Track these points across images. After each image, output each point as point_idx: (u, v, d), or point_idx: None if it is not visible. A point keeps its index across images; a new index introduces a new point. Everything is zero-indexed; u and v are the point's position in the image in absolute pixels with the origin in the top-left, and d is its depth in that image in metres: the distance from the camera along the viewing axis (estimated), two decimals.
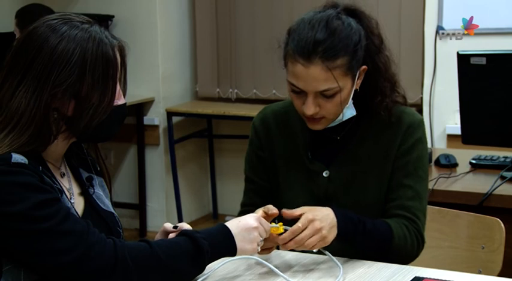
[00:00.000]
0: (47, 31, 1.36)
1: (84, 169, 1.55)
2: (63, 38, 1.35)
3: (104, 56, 1.38)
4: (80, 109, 1.37)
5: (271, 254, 1.66)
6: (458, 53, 2.47)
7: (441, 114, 3.93)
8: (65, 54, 1.34)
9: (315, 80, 1.63)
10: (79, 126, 1.38)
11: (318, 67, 1.62)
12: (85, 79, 1.35)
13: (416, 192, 1.74)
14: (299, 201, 1.75)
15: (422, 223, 1.75)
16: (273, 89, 4.30)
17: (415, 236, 1.72)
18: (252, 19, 4.30)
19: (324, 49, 1.62)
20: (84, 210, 1.49)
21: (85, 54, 1.35)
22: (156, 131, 4.39)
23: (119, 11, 4.30)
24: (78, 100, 1.36)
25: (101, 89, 1.38)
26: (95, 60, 1.36)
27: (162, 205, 4.39)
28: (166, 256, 1.36)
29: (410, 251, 1.72)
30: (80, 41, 1.36)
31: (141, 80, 4.34)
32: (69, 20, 1.39)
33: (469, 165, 2.64)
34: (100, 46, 1.38)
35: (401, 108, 1.79)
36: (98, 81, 1.37)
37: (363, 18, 1.71)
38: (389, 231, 1.69)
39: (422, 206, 1.75)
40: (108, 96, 1.39)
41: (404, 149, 1.75)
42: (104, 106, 1.39)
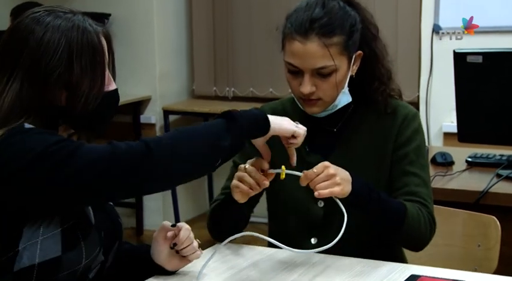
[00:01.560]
0: (31, 23, 1.37)
1: None
2: (47, 28, 1.36)
3: (90, 44, 1.39)
4: (72, 98, 1.37)
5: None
6: (454, 52, 2.47)
7: (437, 112, 3.94)
8: (51, 44, 1.35)
9: (312, 57, 1.66)
10: (73, 115, 1.39)
11: (315, 43, 1.65)
12: (73, 68, 1.36)
13: (423, 179, 1.75)
14: (296, 193, 1.77)
15: (432, 208, 1.75)
16: (269, 88, 4.30)
17: (427, 219, 1.72)
18: (249, 17, 4.30)
19: (321, 25, 1.66)
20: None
21: (70, 43, 1.36)
22: (153, 130, 4.38)
23: (116, 10, 4.30)
24: (69, 89, 1.37)
25: (90, 76, 1.38)
26: (81, 48, 1.37)
27: (158, 204, 4.39)
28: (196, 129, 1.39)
29: (423, 234, 1.71)
30: (64, 30, 1.37)
31: (137, 78, 4.34)
32: (52, 11, 1.40)
33: (465, 163, 2.64)
34: (84, 34, 1.39)
35: (397, 101, 1.82)
36: (86, 69, 1.38)
37: (358, 8, 1.75)
38: (403, 207, 1.69)
39: (430, 193, 1.77)
40: (98, 83, 1.40)
41: (402, 141, 1.76)
42: (95, 92, 1.39)
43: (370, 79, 1.78)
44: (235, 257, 1.70)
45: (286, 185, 1.77)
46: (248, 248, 1.76)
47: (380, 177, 1.76)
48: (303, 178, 1.58)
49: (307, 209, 1.79)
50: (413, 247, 1.76)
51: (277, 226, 1.87)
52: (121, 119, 4.34)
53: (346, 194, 1.60)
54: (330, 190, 1.57)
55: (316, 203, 1.78)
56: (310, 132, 1.80)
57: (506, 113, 2.45)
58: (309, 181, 1.57)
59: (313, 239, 1.78)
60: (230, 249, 1.75)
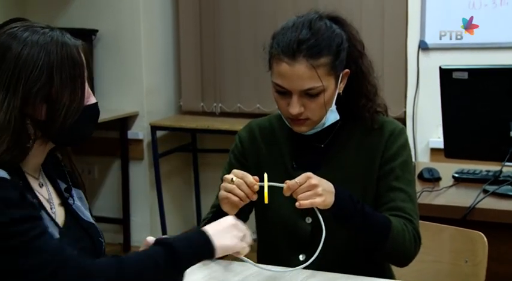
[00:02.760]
0: (9, 39, 1.37)
1: (61, 180, 1.54)
2: (26, 43, 1.36)
3: (69, 57, 1.39)
4: (52, 111, 1.37)
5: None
6: (440, 68, 2.49)
7: (424, 128, 3.95)
8: (30, 59, 1.35)
9: (300, 78, 1.66)
10: (54, 129, 1.38)
11: (303, 65, 1.66)
12: (53, 81, 1.36)
13: (408, 194, 1.76)
14: (283, 209, 1.77)
15: (418, 224, 1.76)
16: (257, 103, 4.30)
17: (412, 235, 1.72)
18: (236, 33, 4.31)
19: (308, 47, 1.66)
20: (65, 220, 1.48)
21: (50, 56, 1.36)
22: (140, 145, 4.37)
23: (103, 26, 4.30)
24: (50, 103, 1.37)
25: (70, 88, 1.39)
26: (61, 62, 1.38)
27: (146, 219, 4.36)
28: (135, 272, 1.33)
29: (408, 249, 1.71)
30: (43, 44, 1.37)
31: (125, 94, 4.33)
32: (30, 26, 1.40)
33: (452, 179, 2.65)
34: (64, 48, 1.39)
35: (383, 117, 1.83)
36: (66, 82, 1.38)
37: (344, 25, 1.76)
38: (388, 221, 1.69)
39: (415, 208, 1.77)
40: (78, 96, 1.40)
41: (388, 156, 1.77)
42: (75, 105, 1.39)
43: (357, 96, 1.79)
44: (224, 273, 1.69)
45: (274, 201, 1.77)
46: (237, 264, 1.75)
47: (367, 192, 1.77)
48: (285, 189, 1.59)
49: (295, 226, 1.78)
50: (398, 262, 1.76)
51: (265, 242, 1.87)
52: (108, 135, 4.33)
53: (328, 205, 1.60)
54: (311, 201, 1.57)
55: (303, 219, 1.78)
56: (297, 149, 1.81)
57: (492, 129, 2.47)
58: (292, 191, 1.58)
59: (301, 256, 1.78)
60: (219, 265, 1.74)
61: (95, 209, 4.49)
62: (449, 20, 3.83)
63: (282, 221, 1.79)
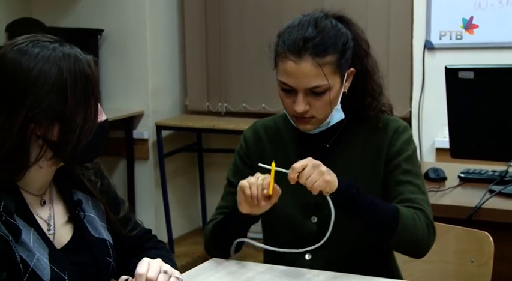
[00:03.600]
0: (18, 55, 1.31)
1: (79, 189, 1.48)
2: (37, 60, 1.31)
3: (82, 73, 1.34)
4: (66, 131, 1.33)
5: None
6: (446, 68, 2.49)
7: (430, 128, 3.95)
8: (41, 75, 1.30)
9: (306, 76, 1.67)
10: (66, 150, 1.34)
11: (308, 63, 1.66)
12: (67, 99, 1.31)
13: (418, 186, 1.75)
14: (290, 209, 1.77)
15: (430, 213, 1.73)
16: (262, 103, 4.30)
17: (425, 223, 1.69)
18: (242, 33, 4.31)
19: (314, 45, 1.66)
20: (71, 239, 1.44)
21: (63, 73, 1.31)
22: (146, 145, 4.38)
23: (109, 25, 4.31)
24: (63, 122, 1.32)
25: (84, 107, 1.34)
26: (74, 79, 1.32)
27: (151, 219, 4.37)
28: None
29: (422, 236, 1.68)
30: (55, 60, 1.32)
31: (130, 94, 4.33)
32: (38, 41, 1.34)
33: (458, 179, 2.64)
34: (76, 64, 1.34)
35: (388, 116, 1.83)
36: (80, 100, 1.33)
37: (350, 24, 1.76)
38: (395, 207, 1.67)
39: (426, 198, 1.75)
40: (92, 114, 1.36)
41: (393, 152, 1.77)
42: (89, 125, 1.35)
43: (362, 95, 1.79)
44: (229, 274, 1.69)
45: (280, 201, 1.77)
46: (243, 264, 1.75)
47: (372, 191, 1.76)
48: (290, 172, 1.59)
49: (301, 225, 1.78)
50: (413, 251, 1.72)
51: (271, 241, 1.86)
52: (114, 135, 4.33)
53: (333, 186, 1.60)
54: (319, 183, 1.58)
55: (309, 218, 1.78)
56: (302, 148, 1.81)
57: (498, 129, 2.46)
58: (297, 173, 1.59)
59: (307, 255, 1.78)
60: (224, 265, 1.74)
61: None
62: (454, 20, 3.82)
63: (287, 220, 1.79)
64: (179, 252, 4.23)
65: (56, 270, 1.35)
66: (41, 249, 1.35)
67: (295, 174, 1.59)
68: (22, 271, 1.31)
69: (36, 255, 1.33)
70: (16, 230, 1.32)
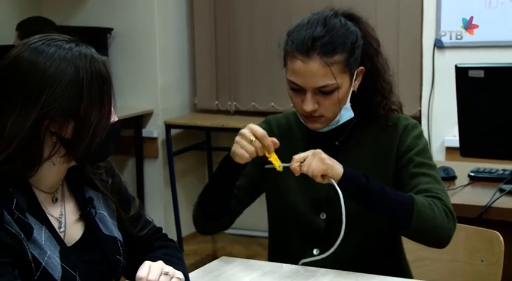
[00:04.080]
0: (34, 55, 1.32)
1: (91, 186, 1.49)
2: (54, 59, 1.31)
3: (98, 73, 1.35)
4: (80, 129, 1.33)
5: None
6: (456, 66, 2.48)
7: (439, 126, 3.93)
8: (57, 74, 1.30)
9: (314, 76, 1.67)
10: (80, 148, 1.34)
11: (317, 62, 1.66)
12: (83, 98, 1.32)
13: (433, 177, 1.73)
14: (299, 206, 1.77)
15: (448, 201, 1.70)
16: (271, 102, 4.30)
17: (442, 210, 1.67)
18: (251, 32, 4.31)
19: (322, 44, 1.66)
20: (81, 237, 1.44)
21: (79, 72, 1.32)
22: (155, 144, 4.39)
23: (118, 24, 4.32)
24: (77, 121, 1.33)
25: (99, 106, 1.35)
26: (91, 78, 1.33)
27: (160, 217, 4.37)
28: None
29: (441, 224, 1.65)
30: (72, 59, 1.32)
31: (139, 92, 4.34)
32: (54, 40, 1.35)
33: (468, 178, 2.64)
34: (93, 63, 1.35)
35: (397, 115, 1.82)
36: (95, 100, 1.34)
37: (360, 22, 1.76)
38: (409, 197, 1.66)
39: (442, 188, 1.73)
40: (105, 114, 1.37)
41: (404, 148, 1.76)
42: (103, 124, 1.36)
43: (371, 94, 1.79)
44: (236, 272, 1.69)
45: (289, 197, 1.77)
46: (250, 262, 1.75)
47: None
48: (292, 162, 1.61)
49: (309, 221, 1.78)
50: (432, 240, 1.68)
51: (278, 238, 1.87)
52: (123, 133, 4.31)
53: (338, 173, 1.61)
54: (323, 167, 1.59)
55: (318, 215, 1.78)
56: (312, 146, 1.81)
57: (508, 128, 2.45)
58: (299, 162, 1.60)
59: (315, 250, 1.77)
60: (231, 264, 1.74)
61: None
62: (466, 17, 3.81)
63: (296, 217, 1.79)
64: (188, 250, 4.24)
65: (66, 268, 1.36)
66: (52, 247, 1.36)
67: (296, 163, 1.61)
68: (34, 268, 1.32)
69: (47, 253, 1.34)
70: (28, 228, 1.32)
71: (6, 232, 1.28)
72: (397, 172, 1.76)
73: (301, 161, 1.61)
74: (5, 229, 1.28)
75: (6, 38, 3.96)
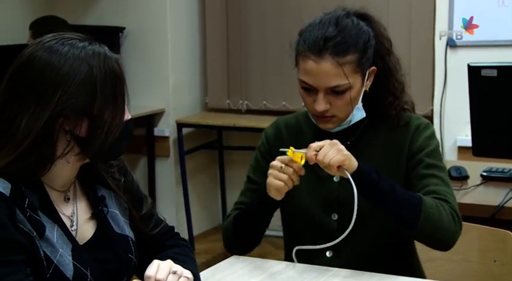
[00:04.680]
0: (47, 54, 1.32)
1: (103, 185, 1.49)
2: (68, 58, 1.32)
3: (112, 71, 1.36)
4: (94, 128, 1.34)
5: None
6: (469, 65, 2.46)
7: (452, 126, 3.92)
8: (71, 73, 1.31)
9: (326, 76, 1.66)
10: (94, 146, 1.35)
11: (329, 62, 1.66)
12: (96, 96, 1.33)
13: (441, 179, 1.73)
14: (310, 206, 1.77)
15: (455, 204, 1.71)
16: (283, 101, 4.30)
17: (449, 212, 1.67)
18: (263, 30, 4.31)
19: (334, 44, 1.66)
20: (93, 235, 1.44)
21: (93, 71, 1.33)
22: (166, 143, 4.39)
23: (130, 23, 4.33)
24: (91, 119, 1.34)
25: (112, 105, 1.36)
26: (104, 76, 1.34)
27: (172, 216, 4.38)
28: None
29: (447, 226, 1.66)
30: (86, 58, 1.33)
31: (151, 91, 4.35)
32: (68, 38, 1.36)
33: (480, 177, 2.62)
34: (106, 62, 1.35)
35: (409, 114, 1.82)
36: (108, 98, 1.35)
37: (372, 22, 1.76)
38: (417, 197, 1.66)
39: (450, 190, 1.73)
40: (119, 112, 1.37)
41: (415, 148, 1.76)
42: (117, 122, 1.36)
43: (383, 94, 1.78)
44: (250, 271, 1.69)
45: (301, 198, 1.77)
46: (263, 261, 1.75)
47: None
48: (308, 150, 1.60)
49: (321, 222, 1.78)
50: (439, 242, 1.69)
51: (292, 239, 1.86)
52: (135, 132, 4.31)
53: (353, 165, 1.61)
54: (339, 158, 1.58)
55: (330, 216, 1.78)
56: None
57: None
58: (315, 152, 1.59)
59: (328, 252, 1.77)
60: (244, 263, 1.74)
61: None
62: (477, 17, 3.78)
63: (308, 217, 1.79)
64: (199, 249, 4.25)
65: (78, 266, 1.36)
66: (64, 245, 1.36)
67: (312, 152, 1.60)
68: (46, 267, 1.32)
69: (59, 251, 1.35)
70: (40, 226, 1.33)
71: (18, 230, 1.29)
72: (407, 171, 1.75)
73: (317, 150, 1.60)
74: (18, 228, 1.29)
75: (20, 37, 3.99)
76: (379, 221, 1.73)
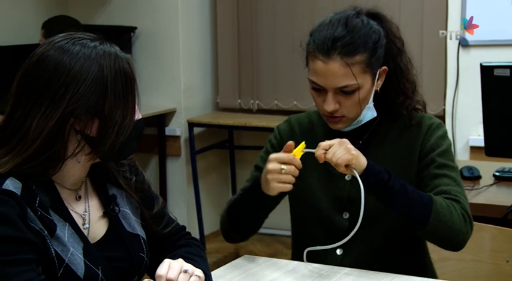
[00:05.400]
0: (58, 53, 1.33)
1: (113, 184, 1.50)
2: (79, 57, 1.33)
3: (122, 71, 1.36)
4: (105, 128, 1.34)
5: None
6: (481, 65, 2.45)
7: (464, 126, 3.90)
8: (83, 72, 1.32)
9: (334, 76, 1.66)
10: (104, 146, 1.35)
11: (337, 63, 1.65)
12: (107, 96, 1.33)
13: (453, 179, 1.73)
14: (321, 204, 1.77)
15: (467, 205, 1.70)
16: (294, 100, 4.30)
17: (460, 213, 1.67)
18: (274, 30, 4.31)
19: (343, 45, 1.66)
20: (105, 234, 1.45)
21: (103, 71, 1.33)
22: (178, 142, 4.40)
23: (142, 23, 4.34)
24: (102, 119, 1.34)
25: (123, 104, 1.36)
26: (115, 76, 1.34)
27: (183, 216, 4.39)
28: None
29: (458, 227, 1.65)
30: (97, 58, 1.34)
31: (162, 91, 4.36)
32: (79, 38, 1.36)
33: (493, 177, 2.61)
34: (117, 62, 1.36)
35: (421, 114, 1.81)
36: (119, 98, 1.35)
37: (384, 21, 1.75)
38: (428, 196, 1.66)
39: (462, 191, 1.73)
40: (130, 111, 1.38)
41: (427, 148, 1.75)
42: (127, 122, 1.37)
43: (395, 94, 1.78)
44: (258, 271, 1.69)
45: (312, 196, 1.77)
46: (273, 261, 1.75)
47: None
48: (317, 149, 1.60)
49: (332, 221, 1.78)
50: (449, 242, 1.68)
51: (302, 237, 1.86)
52: (146, 131, 4.33)
53: (362, 164, 1.60)
54: (347, 156, 1.58)
55: (341, 214, 1.78)
56: None
57: None
58: (323, 151, 1.59)
59: (338, 250, 1.77)
60: (256, 262, 1.74)
61: None
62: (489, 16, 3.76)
63: (319, 215, 1.79)
64: (210, 249, 4.25)
65: (89, 265, 1.36)
66: (75, 244, 1.37)
67: (321, 151, 1.60)
68: (57, 265, 1.33)
69: (70, 250, 1.35)
70: (51, 225, 1.34)
71: (29, 228, 1.30)
72: (419, 171, 1.75)
73: (326, 149, 1.60)
74: (29, 226, 1.30)
75: (33, 37, 4.01)
76: (390, 220, 1.73)
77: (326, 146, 1.60)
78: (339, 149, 1.59)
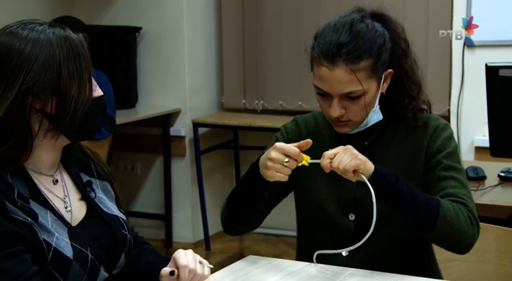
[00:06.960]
0: (10, 38, 1.39)
1: (86, 173, 1.55)
2: (28, 40, 1.38)
3: (75, 49, 1.41)
4: (62, 104, 1.39)
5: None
6: (486, 65, 2.45)
7: (469, 126, 3.89)
8: (33, 53, 1.37)
9: (339, 83, 1.66)
10: (64, 121, 1.40)
11: (342, 69, 1.65)
12: (61, 74, 1.38)
13: (459, 181, 1.72)
14: (328, 206, 1.76)
15: (473, 208, 1.70)
16: (299, 101, 4.30)
17: (467, 216, 1.66)
18: (278, 31, 4.31)
19: (348, 51, 1.64)
20: (86, 215, 1.49)
21: (55, 49, 1.39)
22: (183, 142, 4.41)
23: (147, 23, 4.35)
24: (59, 96, 1.39)
25: (78, 81, 1.41)
26: (67, 54, 1.40)
27: (187, 216, 4.40)
28: None
29: (465, 230, 1.65)
30: (46, 39, 1.39)
31: (167, 91, 4.37)
32: (28, 23, 1.42)
33: (498, 178, 2.61)
34: (67, 41, 1.41)
35: (427, 114, 1.81)
36: (73, 74, 1.40)
37: (388, 23, 1.74)
38: (435, 200, 1.65)
39: (469, 193, 1.72)
40: (86, 87, 1.42)
41: (434, 150, 1.75)
42: (84, 97, 1.42)
43: (400, 96, 1.77)
44: (263, 271, 1.69)
45: (318, 197, 1.76)
46: (278, 262, 1.75)
47: None
48: (322, 159, 1.59)
49: (338, 222, 1.78)
50: (455, 245, 1.68)
51: (306, 238, 1.86)
52: (151, 132, 4.37)
53: (369, 169, 1.59)
54: (354, 162, 1.56)
55: (347, 216, 1.77)
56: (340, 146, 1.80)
57: None
58: (329, 159, 1.58)
59: (344, 252, 1.77)
60: (260, 262, 1.74)
61: (137, 205, 4.54)
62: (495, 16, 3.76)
63: (324, 217, 1.79)
64: (215, 249, 4.25)
65: (76, 246, 1.40)
66: (59, 229, 1.40)
67: (327, 160, 1.59)
68: (45, 250, 1.36)
69: (55, 235, 1.39)
70: (33, 215, 1.37)
71: (13, 221, 1.33)
72: (425, 173, 1.74)
73: (331, 158, 1.59)
74: (11, 218, 1.33)
75: None
76: (397, 222, 1.72)
77: (331, 155, 1.59)
78: (345, 155, 1.58)
